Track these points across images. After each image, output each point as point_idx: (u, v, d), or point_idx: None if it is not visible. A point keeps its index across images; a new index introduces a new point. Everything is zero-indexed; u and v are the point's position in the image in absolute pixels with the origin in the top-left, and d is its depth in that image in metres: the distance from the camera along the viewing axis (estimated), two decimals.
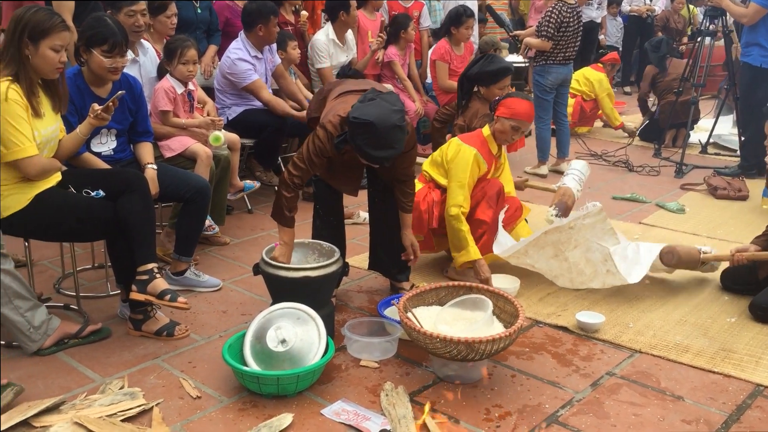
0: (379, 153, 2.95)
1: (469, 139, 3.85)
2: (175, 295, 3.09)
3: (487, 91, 4.38)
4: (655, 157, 6.91)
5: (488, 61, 4.37)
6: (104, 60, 3.32)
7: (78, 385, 2.87)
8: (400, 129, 2.95)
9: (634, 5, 10.96)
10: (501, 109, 3.83)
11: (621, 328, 3.41)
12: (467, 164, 3.73)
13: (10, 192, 2.99)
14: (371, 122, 2.89)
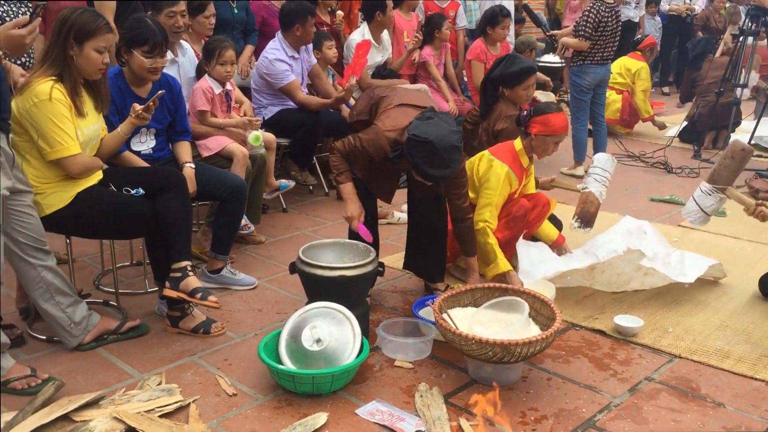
0: (436, 172, 3.01)
1: (501, 154, 3.78)
2: (206, 294, 3.12)
3: (511, 92, 4.29)
4: (695, 159, 6.80)
5: (510, 63, 4.27)
6: (144, 60, 3.37)
7: (117, 380, 2.91)
8: (458, 150, 3.02)
9: (673, 4, 10.79)
10: (537, 128, 3.75)
11: (660, 332, 3.36)
12: (498, 182, 3.70)
13: (53, 190, 3.04)
14: (431, 141, 2.94)
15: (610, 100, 7.57)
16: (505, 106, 4.34)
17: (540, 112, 3.78)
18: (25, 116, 2.92)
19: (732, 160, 3.56)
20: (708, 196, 3.64)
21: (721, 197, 3.61)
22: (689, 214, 3.72)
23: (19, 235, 2.84)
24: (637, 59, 7.68)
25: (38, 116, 2.91)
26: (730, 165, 3.56)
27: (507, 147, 3.85)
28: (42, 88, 2.90)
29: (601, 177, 4.10)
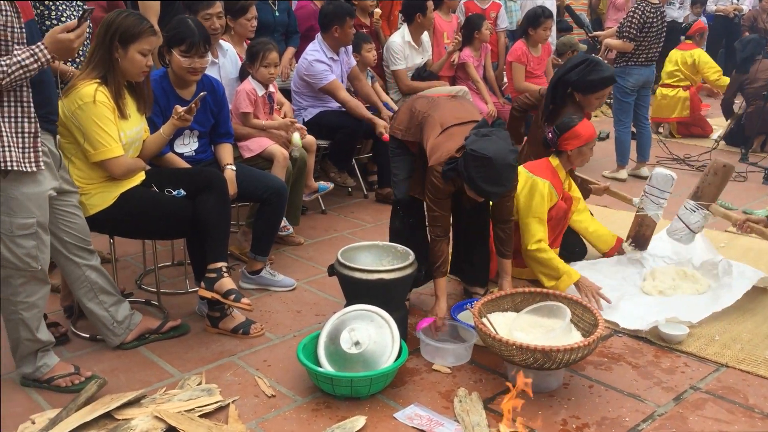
0: (491, 188, 2.99)
1: (539, 170, 3.72)
2: (240, 296, 3.14)
3: (584, 98, 4.07)
4: (742, 163, 6.63)
5: (591, 69, 4.00)
6: (182, 60, 3.40)
7: (158, 379, 2.94)
8: (513, 168, 3.02)
9: (720, 4, 10.56)
10: (571, 143, 3.70)
11: (706, 340, 3.27)
12: (543, 198, 3.65)
13: (97, 191, 3.09)
14: (489, 158, 2.91)
15: (676, 98, 7.45)
16: (573, 110, 4.22)
17: (566, 127, 3.70)
18: (71, 118, 2.98)
19: (714, 177, 3.64)
20: (693, 213, 3.68)
21: (705, 214, 3.66)
22: (675, 233, 3.70)
23: (65, 235, 2.89)
24: (688, 48, 7.51)
25: (83, 118, 2.96)
26: (714, 182, 3.63)
27: (544, 164, 3.78)
28: (86, 91, 2.95)
29: (658, 199, 3.97)
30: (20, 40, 2.49)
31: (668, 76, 7.55)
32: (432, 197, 3.20)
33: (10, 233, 2.60)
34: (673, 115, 7.54)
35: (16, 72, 2.41)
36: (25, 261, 2.65)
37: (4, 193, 2.55)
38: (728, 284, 3.62)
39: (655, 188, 3.98)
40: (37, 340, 2.79)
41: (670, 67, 7.56)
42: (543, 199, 3.65)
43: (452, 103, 3.47)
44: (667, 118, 7.62)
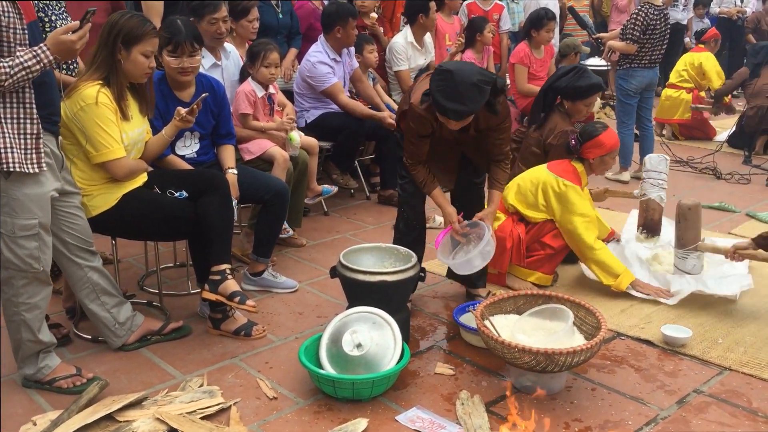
0: (449, 104, 2.93)
1: (566, 174, 3.73)
2: (244, 298, 3.13)
3: (572, 105, 4.18)
4: (745, 165, 6.62)
5: (578, 75, 4.15)
6: (170, 60, 3.40)
7: (159, 381, 2.94)
8: (477, 89, 2.92)
9: (723, 7, 10.55)
10: (594, 152, 3.74)
11: (709, 343, 3.26)
12: (581, 197, 3.67)
13: (99, 192, 3.09)
14: (450, 71, 2.91)
15: (679, 100, 7.45)
16: (560, 119, 4.24)
17: (589, 136, 3.74)
18: (73, 120, 2.98)
19: (686, 222, 3.71)
20: (686, 260, 3.75)
21: (698, 255, 3.74)
22: (684, 283, 3.70)
23: (67, 236, 2.89)
24: (699, 51, 7.55)
25: (85, 120, 2.96)
26: (687, 226, 3.71)
27: (569, 168, 3.79)
28: (89, 93, 2.95)
29: (657, 180, 4.02)
30: (23, 42, 2.49)
31: (676, 76, 7.56)
32: (409, 137, 3.24)
33: (12, 234, 2.60)
34: (676, 116, 7.54)
35: (18, 73, 2.41)
36: (27, 262, 2.64)
37: (6, 194, 2.55)
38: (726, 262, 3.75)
39: (651, 171, 4.05)
40: (38, 341, 2.79)
41: (678, 67, 7.58)
42: (581, 198, 3.68)
43: None
44: (669, 120, 7.62)
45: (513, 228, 3.75)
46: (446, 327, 3.45)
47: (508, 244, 3.71)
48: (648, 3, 5.77)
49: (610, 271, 3.67)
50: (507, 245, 3.70)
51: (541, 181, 3.75)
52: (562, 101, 4.24)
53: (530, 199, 3.77)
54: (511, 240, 3.72)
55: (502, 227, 3.73)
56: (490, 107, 3.09)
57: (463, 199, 3.56)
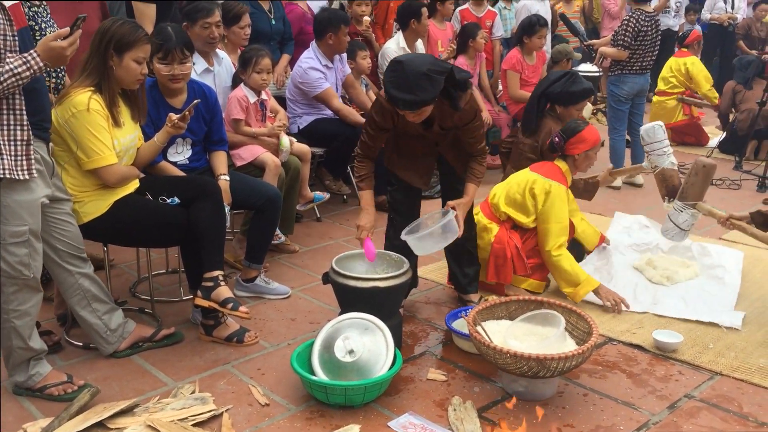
0: (398, 93, 2.91)
1: (552, 174, 3.74)
2: (237, 304, 3.13)
3: (564, 110, 4.22)
4: (736, 170, 6.65)
5: (571, 81, 4.20)
6: (161, 68, 3.40)
7: (151, 388, 2.93)
8: (428, 78, 2.88)
9: (714, 13, 10.60)
10: (578, 147, 3.76)
11: (700, 348, 3.27)
12: (563, 203, 3.69)
13: (91, 198, 3.08)
14: (401, 61, 2.91)
15: (671, 107, 7.46)
16: (553, 123, 4.24)
17: (573, 132, 3.77)
18: (64, 126, 2.97)
19: (696, 177, 3.75)
20: (681, 213, 3.79)
21: (693, 212, 3.77)
22: (667, 232, 3.85)
23: (58, 243, 2.88)
24: (683, 56, 7.57)
25: (76, 126, 2.95)
26: (696, 182, 3.76)
27: (553, 168, 3.80)
28: (80, 99, 2.94)
29: (662, 149, 4.05)
30: (12, 48, 2.49)
31: (664, 83, 7.57)
32: (367, 126, 3.26)
33: (2, 241, 2.59)
34: (672, 120, 7.54)
35: (8, 80, 2.41)
36: (18, 269, 2.64)
37: None
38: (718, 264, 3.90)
39: (652, 143, 4.07)
40: (29, 348, 2.78)
41: (664, 73, 7.59)
42: (563, 203, 3.69)
43: None
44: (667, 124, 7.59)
45: (509, 238, 3.74)
46: (438, 333, 3.45)
47: (509, 254, 3.70)
48: (639, 9, 5.81)
49: (568, 279, 3.66)
50: (507, 255, 3.70)
51: (529, 181, 3.75)
52: (554, 106, 4.28)
53: (519, 201, 3.76)
54: (509, 250, 3.71)
55: (499, 238, 3.72)
56: (451, 101, 3.05)
57: None
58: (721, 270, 4.00)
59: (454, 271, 3.69)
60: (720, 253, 4.20)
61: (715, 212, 3.66)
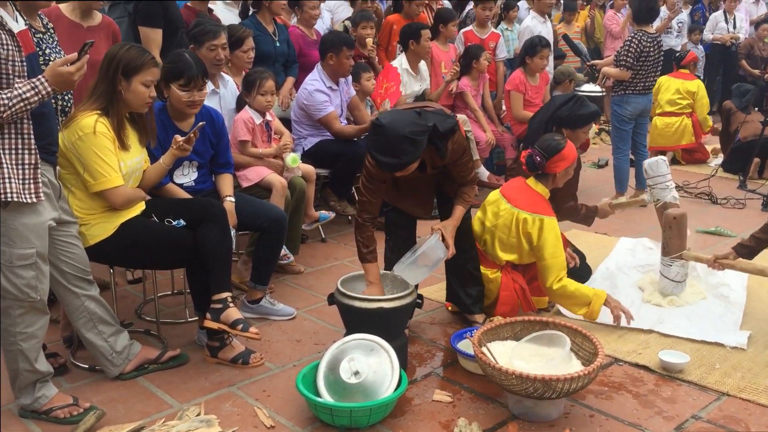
0: (382, 157, 2.97)
1: (538, 207, 3.63)
2: (247, 325, 3.14)
3: (571, 133, 4.18)
4: (740, 189, 6.65)
5: (579, 105, 4.15)
6: (182, 94, 3.44)
7: (156, 410, 2.93)
8: (410, 141, 2.93)
9: (717, 33, 10.66)
10: (560, 164, 3.65)
11: (707, 368, 3.26)
12: (557, 236, 3.61)
13: (97, 221, 3.10)
14: (382, 125, 2.93)
15: (681, 126, 7.42)
16: None
17: (555, 150, 3.64)
18: (71, 149, 3.00)
19: (671, 230, 3.84)
20: (670, 267, 3.88)
21: (681, 263, 3.87)
22: (665, 288, 3.92)
23: (64, 265, 2.90)
24: (688, 78, 7.55)
25: (83, 149, 2.98)
26: (673, 234, 3.84)
27: (537, 198, 3.68)
28: (87, 122, 2.97)
29: (664, 183, 4.06)
30: (21, 73, 2.52)
31: (670, 104, 7.50)
32: (365, 181, 3.24)
33: (9, 264, 2.61)
34: (683, 141, 7.52)
35: (17, 105, 2.44)
36: (25, 291, 2.65)
37: (3, 224, 2.57)
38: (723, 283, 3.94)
39: (655, 177, 4.10)
40: (35, 370, 2.78)
41: (670, 95, 7.52)
42: (557, 237, 3.60)
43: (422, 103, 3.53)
44: (676, 146, 7.56)
45: (513, 282, 3.69)
46: (444, 353, 3.45)
47: (517, 299, 3.68)
48: (641, 30, 5.84)
49: (578, 301, 3.58)
50: (515, 301, 3.67)
51: (518, 222, 3.62)
52: (560, 129, 4.24)
53: (515, 244, 3.66)
54: (517, 294, 3.68)
55: (505, 285, 3.66)
56: (437, 151, 3.10)
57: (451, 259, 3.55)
58: (726, 288, 4.00)
59: (457, 293, 3.69)
60: (725, 272, 4.14)
61: (701, 257, 3.74)
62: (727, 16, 10.72)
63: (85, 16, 3.71)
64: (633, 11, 6.05)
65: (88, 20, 3.71)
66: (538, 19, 7.36)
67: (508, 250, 3.69)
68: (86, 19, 3.71)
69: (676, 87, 7.48)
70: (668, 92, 7.48)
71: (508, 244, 3.67)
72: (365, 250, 3.28)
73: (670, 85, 7.49)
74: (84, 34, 3.74)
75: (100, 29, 3.77)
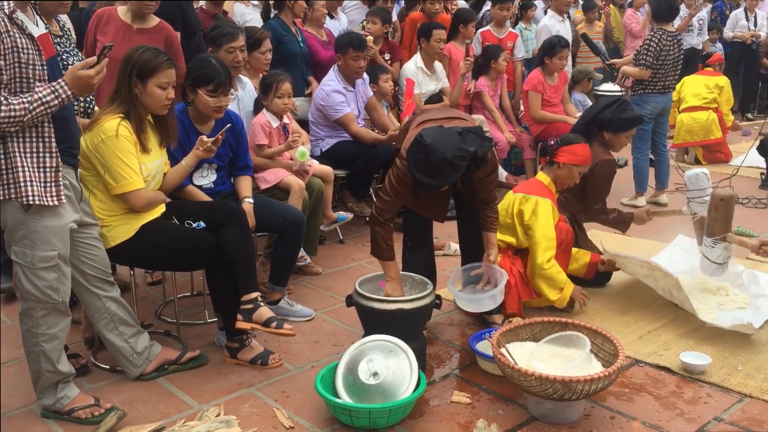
0: (423, 178, 2.96)
1: (537, 191, 3.74)
2: (281, 323, 3.15)
3: (613, 137, 4.19)
4: (763, 189, 6.58)
5: (622, 108, 4.17)
6: (209, 100, 3.46)
7: (176, 410, 2.95)
8: (451, 166, 2.93)
9: (737, 31, 10.55)
10: (565, 156, 3.75)
11: (729, 370, 3.22)
12: (549, 216, 3.68)
13: (118, 223, 3.13)
14: (426, 146, 2.91)
15: (709, 120, 7.41)
16: (601, 149, 4.21)
17: (568, 141, 3.80)
18: (93, 152, 3.03)
19: (717, 211, 3.72)
20: (713, 249, 3.76)
21: (725, 245, 3.73)
22: (705, 269, 3.80)
23: (86, 267, 2.92)
24: (716, 75, 7.64)
25: (105, 152, 3.01)
26: (718, 215, 3.73)
27: (536, 184, 3.81)
28: (109, 125, 3.00)
29: (703, 198, 4.02)
30: (41, 77, 2.55)
31: (697, 98, 7.51)
32: (395, 183, 3.17)
33: (31, 266, 2.64)
34: (710, 137, 7.48)
35: (37, 108, 2.47)
36: (47, 293, 2.68)
37: (25, 227, 2.60)
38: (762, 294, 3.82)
39: (694, 190, 4.05)
40: (57, 371, 2.81)
41: (697, 89, 7.56)
42: (549, 217, 3.68)
43: (441, 109, 3.52)
44: (703, 141, 7.54)
45: (511, 265, 3.72)
46: (462, 355, 3.44)
47: (512, 282, 3.67)
48: (661, 29, 5.79)
49: (556, 285, 3.66)
50: (512, 283, 3.66)
51: (514, 203, 3.76)
52: (602, 132, 4.23)
53: (510, 224, 3.76)
54: (512, 278, 3.67)
55: (501, 266, 3.62)
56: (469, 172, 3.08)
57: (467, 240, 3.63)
58: (763, 300, 3.87)
59: None
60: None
61: (746, 242, 3.64)
62: (748, 13, 10.60)
63: (137, 18, 3.74)
64: (652, 9, 6.00)
65: (140, 23, 3.74)
66: (556, 18, 7.32)
67: (505, 231, 3.78)
68: (137, 21, 3.73)
69: (703, 82, 7.51)
70: (694, 87, 7.51)
71: (505, 226, 3.77)
72: (386, 246, 3.27)
73: (696, 81, 7.53)
74: (132, 36, 3.79)
75: (152, 33, 3.80)
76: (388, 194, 3.20)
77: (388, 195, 3.20)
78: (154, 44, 3.58)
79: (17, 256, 2.66)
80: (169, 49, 3.86)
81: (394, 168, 3.19)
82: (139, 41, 3.65)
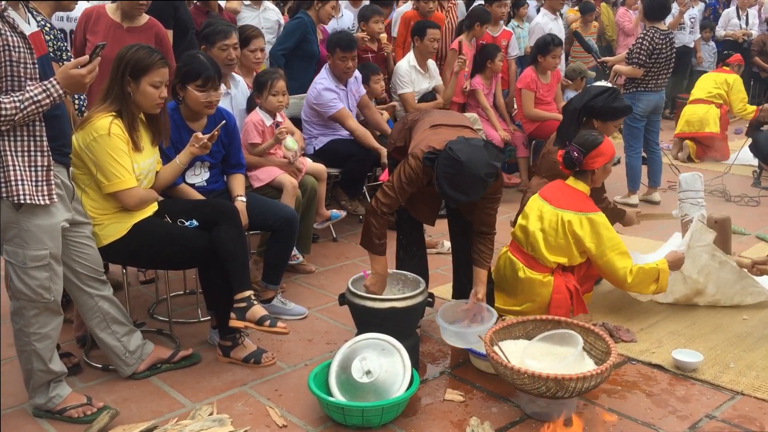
0: (453, 193, 2.95)
1: (581, 206, 3.57)
2: (275, 321, 3.15)
3: (602, 125, 4.13)
4: (754, 187, 6.60)
5: (614, 97, 4.08)
6: (199, 95, 3.44)
7: (169, 409, 2.94)
8: (483, 183, 2.94)
9: (729, 29, 10.58)
10: (599, 160, 3.59)
11: (721, 367, 3.24)
12: (610, 228, 3.54)
13: (111, 221, 3.11)
14: (461, 162, 2.88)
15: (710, 114, 7.47)
16: None
17: (592, 146, 3.60)
18: (85, 150, 3.01)
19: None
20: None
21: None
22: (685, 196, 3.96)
23: (78, 266, 2.91)
24: (729, 72, 7.74)
25: (97, 150, 3.00)
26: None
27: (579, 196, 3.62)
28: (101, 124, 2.99)
29: (695, 199, 4.03)
30: (33, 76, 2.53)
31: (702, 92, 7.66)
32: (404, 181, 3.12)
33: (23, 265, 2.62)
34: (706, 129, 7.52)
35: (28, 107, 2.45)
36: (38, 292, 2.67)
37: (17, 226, 2.59)
38: None
39: (688, 191, 4.04)
40: (49, 371, 2.80)
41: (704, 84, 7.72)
42: (610, 228, 3.55)
43: (444, 111, 3.53)
44: (698, 133, 7.59)
45: (567, 283, 3.59)
46: (455, 353, 3.44)
47: (570, 302, 3.58)
48: (653, 27, 5.80)
49: (650, 280, 3.55)
50: (568, 303, 3.57)
51: (564, 223, 3.54)
52: (591, 120, 4.17)
53: (564, 245, 3.56)
54: (569, 294, 3.58)
55: (557, 288, 3.56)
56: None
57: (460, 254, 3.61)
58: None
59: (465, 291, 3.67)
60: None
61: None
62: (740, 12, 10.63)
63: (127, 16, 3.72)
64: (645, 8, 6.02)
65: (129, 21, 3.73)
66: (549, 16, 7.33)
67: (556, 252, 3.58)
68: (127, 20, 3.72)
69: (712, 78, 7.67)
70: (703, 81, 7.73)
71: (557, 246, 3.57)
72: (378, 241, 3.24)
73: (707, 77, 7.77)
74: (123, 35, 3.77)
75: (142, 31, 3.78)
76: (393, 190, 3.17)
77: (393, 191, 3.17)
78: (145, 42, 3.57)
79: (8, 255, 2.64)
80: (159, 47, 3.84)
81: (405, 167, 3.14)
82: (129, 40, 3.64)
